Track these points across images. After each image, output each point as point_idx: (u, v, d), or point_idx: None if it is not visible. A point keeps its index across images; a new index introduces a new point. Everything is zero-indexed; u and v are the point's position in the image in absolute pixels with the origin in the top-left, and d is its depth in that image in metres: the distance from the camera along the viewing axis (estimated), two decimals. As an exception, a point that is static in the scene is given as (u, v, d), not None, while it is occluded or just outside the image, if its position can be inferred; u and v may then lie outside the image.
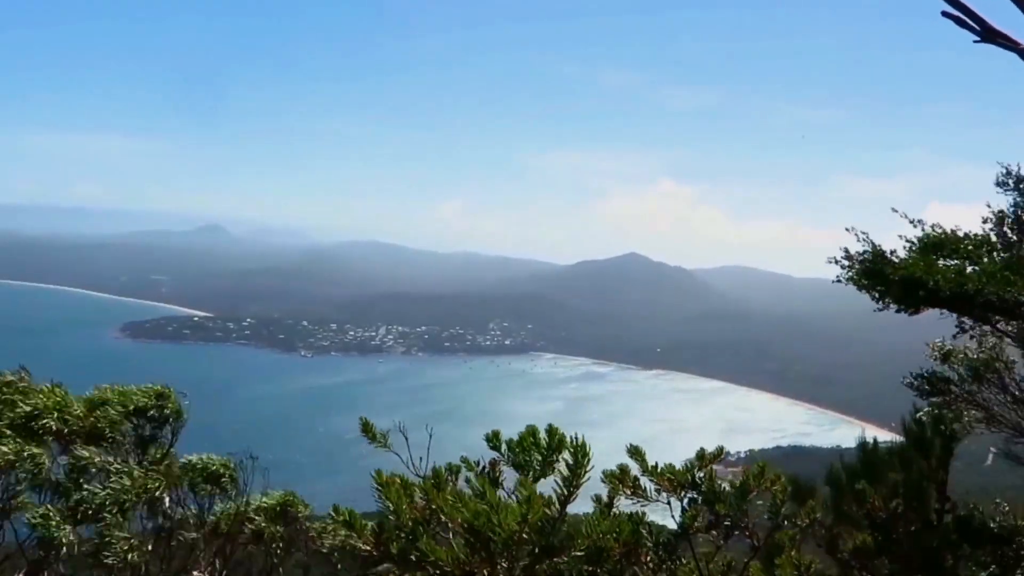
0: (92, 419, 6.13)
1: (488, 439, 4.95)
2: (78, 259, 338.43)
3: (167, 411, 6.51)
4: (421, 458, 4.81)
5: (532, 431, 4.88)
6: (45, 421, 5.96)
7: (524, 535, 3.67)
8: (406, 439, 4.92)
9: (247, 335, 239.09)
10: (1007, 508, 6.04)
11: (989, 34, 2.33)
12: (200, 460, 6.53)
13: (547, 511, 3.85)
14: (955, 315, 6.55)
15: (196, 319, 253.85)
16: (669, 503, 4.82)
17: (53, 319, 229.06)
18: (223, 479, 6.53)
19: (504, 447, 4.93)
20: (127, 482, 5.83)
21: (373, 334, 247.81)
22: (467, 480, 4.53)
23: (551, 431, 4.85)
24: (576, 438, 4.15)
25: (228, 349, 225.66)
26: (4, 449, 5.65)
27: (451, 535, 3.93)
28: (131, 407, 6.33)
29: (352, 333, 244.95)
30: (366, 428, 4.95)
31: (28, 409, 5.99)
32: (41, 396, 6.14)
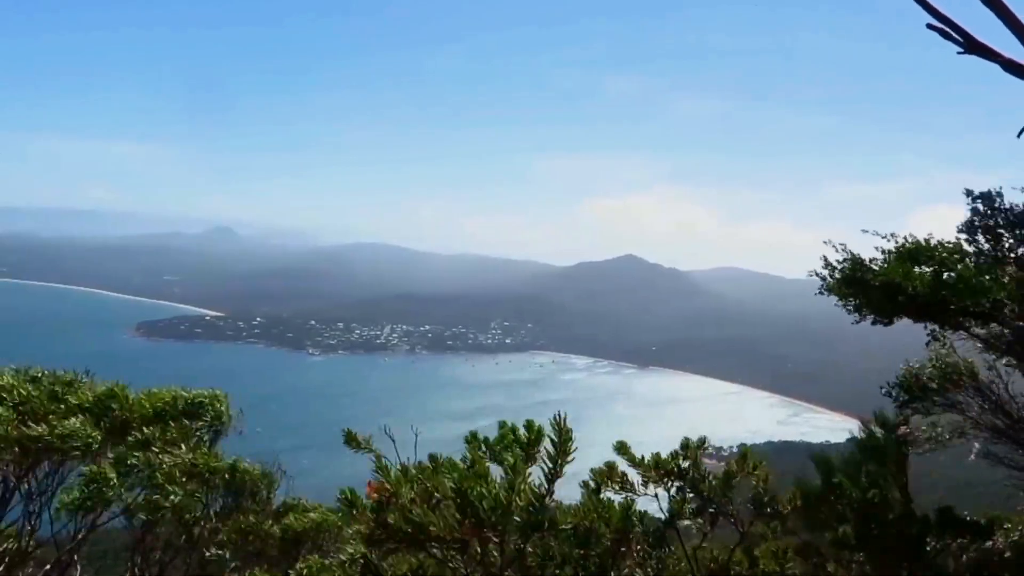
0: (151, 409, 6.20)
1: (467, 440, 4.98)
2: (93, 260, 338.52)
3: (222, 416, 6.56)
4: (408, 458, 4.81)
5: (512, 429, 4.92)
6: (111, 407, 6.07)
7: (513, 510, 3.69)
8: (393, 441, 4.91)
9: (257, 334, 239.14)
10: (988, 505, 6.03)
11: (972, 46, 2.33)
12: (241, 463, 6.52)
13: (535, 491, 3.87)
14: (927, 323, 6.54)
15: (208, 318, 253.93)
16: (656, 495, 4.82)
17: (69, 318, 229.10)
18: (258, 484, 6.54)
19: (482, 446, 4.95)
20: (187, 456, 5.87)
21: (378, 333, 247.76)
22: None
23: (529, 426, 4.87)
24: (560, 416, 4.14)
25: (239, 348, 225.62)
26: (69, 422, 5.73)
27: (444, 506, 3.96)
28: (186, 403, 6.39)
29: (358, 332, 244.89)
30: (349, 438, 4.93)
31: (93, 396, 6.10)
32: (103, 389, 6.26)
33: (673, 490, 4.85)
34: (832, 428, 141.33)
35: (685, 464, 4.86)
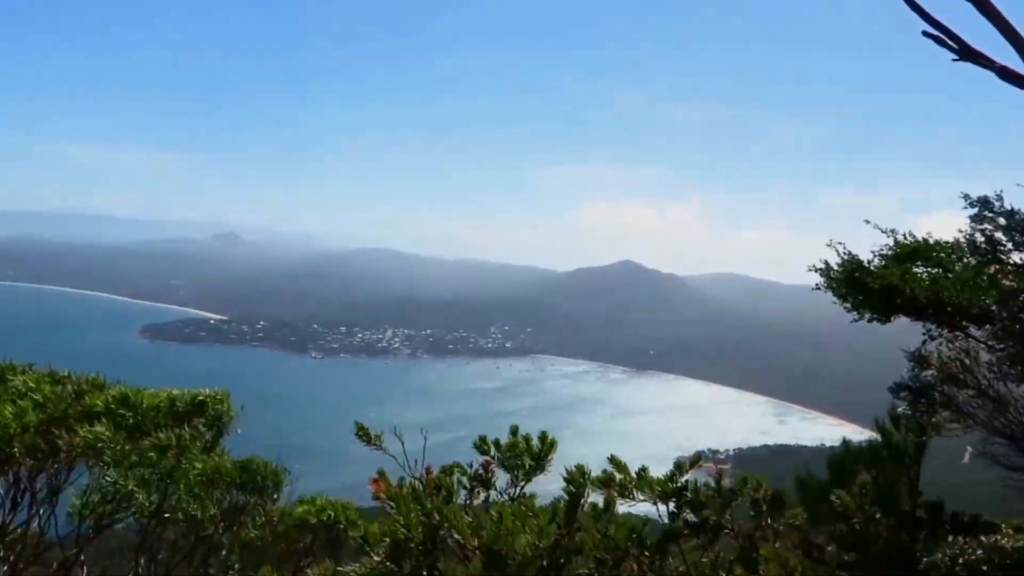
0: (159, 413, 6.22)
1: (476, 445, 4.95)
2: (101, 264, 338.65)
3: (224, 415, 6.58)
4: (417, 460, 4.79)
5: (526, 438, 4.91)
6: (123, 412, 6.08)
7: (536, 557, 3.65)
8: (402, 442, 4.89)
9: (260, 337, 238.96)
10: (983, 506, 6.00)
11: (967, 53, 2.32)
12: (252, 461, 6.52)
13: (557, 534, 3.85)
14: (924, 322, 6.53)
15: (212, 322, 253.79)
16: (656, 502, 4.78)
17: (76, 321, 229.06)
18: (266, 481, 6.53)
19: (493, 449, 4.92)
20: (200, 465, 5.88)
21: (380, 337, 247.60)
22: (459, 482, 4.51)
23: (543, 437, 4.85)
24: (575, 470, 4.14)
25: (243, 350, 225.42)
26: (98, 429, 5.74)
27: (463, 550, 3.89)
28: (188, 402, 6.41)
29: (360, 336, 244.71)
30: (361, 431, 4.93)
31: (107, 401, 6.12)
32: (115, 393, 6.28)
33: (672, 507, 4.81)
34: (828, 431, 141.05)
35: (684, 479, 4.81)
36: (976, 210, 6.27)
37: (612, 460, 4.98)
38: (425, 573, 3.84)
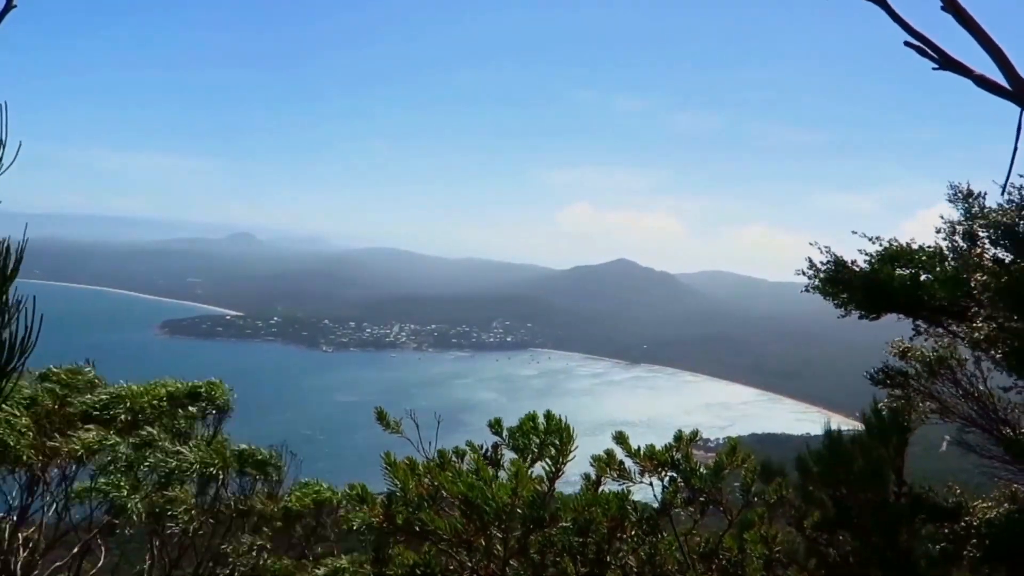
0: (155, 406, 6.20)
1: (490, 425, 4.92)
2: (122, 264, 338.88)
3: (218, 400, 6.59)
4: (431, 443, 4.78)
5: (532, 416, 4.86)
6: (118, 410, 6.03)
7: (517, 508, 3.68)
8: (416, 425, 4.88)
9: (274, 332, 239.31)
10: (959, 491, 6.02)
11: (947, 63, 2.31)
12: (250, 448, 6.53)
13: (537, 487, 3.86)
14: (911, 319, 6.52)
15: (228, 318, 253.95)
16: (651, 484, 4.79)
17: (101, 317, 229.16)
18: (268, 467, 6.54)
19: (505, 433, 4.90)
20: (191, 456, 5.85)
21: (387, 332, 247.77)
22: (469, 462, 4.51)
23: (548, 416, 4.82)
24: (563, 420, 4.15)
25: (257, 345, 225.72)
26: (89, 436, 5.69)
27: (453, 509, 3.93)
28: (184, 392, 6.41)
29: (369, 331, 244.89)
30: (380, 417, 4.92)
31: (104, 398, 6.06)
32: (112, 388, 6.24)
33: (666, 480, 4.81)
34: (814, 422, 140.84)
35: (678, 456, 4.81)
36: (961, 204, 6.25)
37: (616, 436, 4.90)
38: (417, 528, 3.86)
